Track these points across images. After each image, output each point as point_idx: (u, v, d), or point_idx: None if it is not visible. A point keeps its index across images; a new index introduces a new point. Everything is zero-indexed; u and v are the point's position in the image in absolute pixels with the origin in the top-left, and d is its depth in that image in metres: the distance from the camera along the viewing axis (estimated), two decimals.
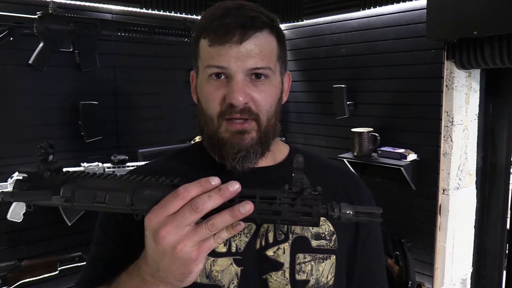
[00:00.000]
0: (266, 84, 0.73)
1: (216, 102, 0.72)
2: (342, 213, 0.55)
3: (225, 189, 0.53)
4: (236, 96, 0.69)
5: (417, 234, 2.23)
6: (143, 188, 0.57)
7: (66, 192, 0.59)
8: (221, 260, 0.73)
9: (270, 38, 0.74)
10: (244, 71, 0.70)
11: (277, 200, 0.55)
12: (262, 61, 0.71)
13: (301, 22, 2.72)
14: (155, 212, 0.54)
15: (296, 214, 0.55)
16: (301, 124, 2.83)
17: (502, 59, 1.77)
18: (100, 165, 1.92)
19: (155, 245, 0.54)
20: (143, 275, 0.59)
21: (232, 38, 0.69)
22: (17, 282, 1.75)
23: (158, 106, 2.31)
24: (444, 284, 2.15)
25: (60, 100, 1.98)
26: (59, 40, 1.87)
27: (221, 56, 0.70)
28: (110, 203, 0.57)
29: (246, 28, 0.70)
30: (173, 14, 2.30)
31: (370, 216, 0.56)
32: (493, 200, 2.19)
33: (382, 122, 2.33)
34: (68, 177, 0.60)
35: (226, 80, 0.71)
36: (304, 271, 0.75)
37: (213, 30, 0.71)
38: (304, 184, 0.55)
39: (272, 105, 0.74)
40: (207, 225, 0.53)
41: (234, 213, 0.53)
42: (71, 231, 1.96)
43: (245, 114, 0.71)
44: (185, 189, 0.53)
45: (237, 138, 0.72)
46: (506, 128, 2.11)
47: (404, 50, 2.20)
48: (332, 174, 0.86)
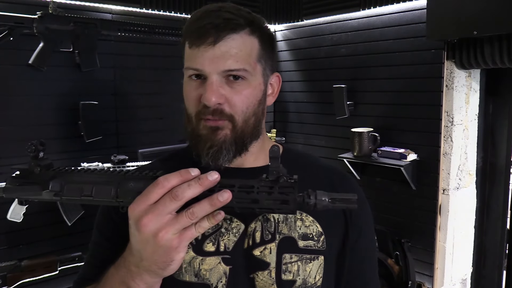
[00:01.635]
0: (242, 85, 0.73)
1: (193, 102, 0.74)
2: (318, 200, 0.56)
3: (204, 178, 0.55)
4: (208, 97, 0.70)
5: (417, 234, 2.23)
6: (128, 180, 0.59)
7: (55, 187, 0.61)
8: (210, 259, 0.74)
9: (249, 39, 0.73)
10: (218, 72, 0.71)
11: (255, 189, 0.57)
12: (237, 63, 0.71)
13: (301, 22, 2.72)
14: (137, 201, 0.56)
15: (273, 201, 0.56)
16: (301, 124, 2.83)
17: (502, 59, 1.77)
18: (100, 165, 1.92)
19: (138, 233, 0.56)
20: (128, 265, 0.61)
21: (206, 40, 0.70)
22: (17, 282, 1.75)
23: (158, 106, 2.31)
24: (444, 284, 2.15)
25: (60, 100, 1.98)
26: (59, 40, 1.87)
27: (197, 58, 0.71)
28: (97, 196, 0.60)
29: (220, 30, 0.70)
30: (173, 14, 2.30)
31: (346, 202, 0.57)
32: (493, 200, 2.19)
33: (382, 122, 2.33)
34: (57, 173, 0.63)
35: (203, 80, 0.73)
36: (291, 271, 0.75)
37: (191, 33, 0.72)
38: (280, 173, 0.57)
39: (249, 106, 0.74)
40: (187, 213, 0.55)
41: (213, 201, 0.55)
42: (71, 231, 1.96)
43: (217, 115, 0.72)
44: (165, 178, 0.55)
45: (211, 134, 0.73)
46: (506, 128, 2.11)
47: (404, 50, 2.20)
48: (321, 172, 0.86)
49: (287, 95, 2.87)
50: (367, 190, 2.37)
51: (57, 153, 1.97)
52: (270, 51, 0.78)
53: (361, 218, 0.84)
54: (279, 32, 2.88)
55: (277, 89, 0.83)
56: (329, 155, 2.55)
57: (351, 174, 2.40)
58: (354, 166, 2.41)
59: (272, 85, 0.81)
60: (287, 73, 2.85)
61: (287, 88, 2.86)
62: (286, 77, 2.85)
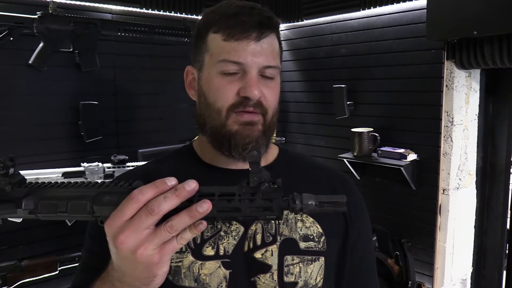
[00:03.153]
0: (273, 83, 0.77)
1: (228, 95, 0.73)
2: (304, 204, 0.54)
3: (181, 188, 0.52)
4: (253, 90, 0.72)
5: (417, 234, 2.23)
6: (103, 194, 0.57)
7: (28, 204, 0.58)
8: (209, 263, 0.73)
9: (277, 41, 0.78)
10: (258, 67, 0.73)
11: (236, 196, 0.54)
12: (274, 60, 0.75)
13: (301, 22, 2.72)
14: (112, 217, 0.53)
15: (256, 209, 0.54)
16: (301, 124, 2.83)
17: (502, 59, 1.77)
18: (100, 165, 1.92)
19: (116, 250, 0.54)
20: (112, 280, 0.59)
21: (250, 35, 0.72)
22: (17, 282, 1.75)
23: (158, 106, 2.31)
24: (444, 284, 2.15)
25: (60, 100, 1.98)
26: (59, 40, 1.87)
27: (238, 51, 0.72)
28: (72, 212, 0.57)
29: (264, 27, 0.73)
30: (173, 14, 2.30)
31: (334, 205, 0.54)
32: (493, 200, 2.19)
33: (382, 122, 2.33)
34: (30, 189, 0.60)
35: (240, 75, 0.73)
36: (293, 273, 0.75)
37: (230, 26, 0.72)
38: (262, 178, 0.54)
39: (277, 103, 0.79)
40: (165, 227, 0.52)
41: (192, 213, 0.52)
42: (71, 231, 1.96)
43: (258, 108, 0.74)
44: (139, 191, 0.52)
45: (246, 129, 0.74)
46: (506, 128, 2.11)
47: (404, 50, 2.20)
48: (318, 174, 0.86)
49: (287, 95, 2.87)
50: (367, 190, 2.37)
51: (57, 153, 1.97)
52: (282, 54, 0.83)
53: (360, 219, 0.85)
54: None
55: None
56: (329, 155, 2.56)
57: (351, 174, 2.40)
58: (354, 166, 2.40)
59: None
60: (287, 73, 2.85)
61: (287, 88, 2.86)
62: (286, 77, 2.85)
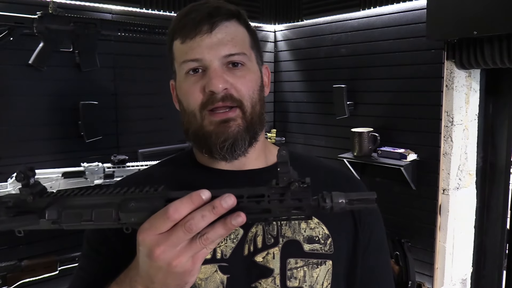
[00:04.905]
0: (243, 71, 0.73)
1: (196, 95, 0.71)
2: (334, 203, 0.53)
3: (219, 206, 0.51)
4: (215, 82, 0.69)
5: (417, 234, 2.23)
6: (128, 200, 0.56)
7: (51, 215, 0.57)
8: (205, 267, 0.70)
9: (240, 28, 0.75)
10: (219, 58, 0.70)
11: (266, 198, 0.53)
12: (235, 47, 0.71)
13: (301, 22, 2.72)
14: (147, 231, 0.52)
15: (286, 209, 0.53)
16: (301, 124, 2.83)
17: (502, 59, 1.77)
18: (100, 165, 1.92)
19: (150, 261, 0.53)
20: (135, 285, 0.58)
21: (201, 29, 0.70)
22: (17, 282, 1.75)
23: (158, 106, 2.31)
24: (444, 284, 2.15)
25: (60, 100, 1.98)
26: (59, 40, 1.87)
27: (194, 49, 0.70)
28: (97, 220, 0.56)
29: (213, 17, 0.71)
30: (173, 14, 2.29)
31: (365, 202, 0.54)
32: (493, 200, 2.19)
33: (382, 122, 2.33)
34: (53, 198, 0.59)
35: (203, 72, 0.71)
36: (296, 277, 0.71)
37: (182, 28, 0.72)
38: (291, 178, 0.53)
39: (254, 91, 0.74)
40: (201, 240, 0.51)
41: (227, 226, 0.51)
42: (71, 231, 1.96)
43: (228, 101, 0.70)
44: (175, 210, 0.51)
45: (221, 127, 0.70)
46: (506, 128, 2.11)
47: (404, 50, 2.20)
48: (323, 174, 0.82)
49: (287, 95, 2.87)
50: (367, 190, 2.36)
51: (57, 153, 1.97)
52: (257, 43, 0.80)
53: (371, 218, 0.80)
54: (279, 32, 2.88)
55: (268, 81, 0.83)
56: (329, 155, 2.55)
57: None
58: (354, 166, 2.41)
59: (263, 77, 0.82)
60: (287, 73, 2.85)
61: (287, 88, 2.86)
62: (286, 77, 2.85)
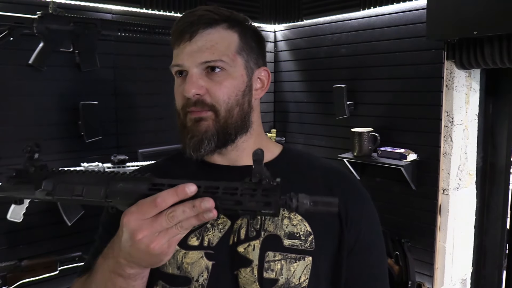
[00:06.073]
0: (222, 76, 0.76)
1: (179, 98, 0.79)
2: (300, 203, 0.57)
3: (198, 206, 0.57)
4: (186, 88, 0.75)
5: (417, 234, 2.23)
6: (117, 181, 0.62)
7: (47, 186, 0.64)
8: (192, 253, 0.76)
9: (227, 33, 0.78)
10: (196, 65, 0.75)
11: (238, 191, 0.58)
12: (213, 55, 0.75)
13: (301, 22, 2.72)
14: (132, 215, 0.59)
15: (256, 203, 0.58)
16: (301, 124, 2.83)
17: (502, 59, 1.77)
18: (100, 165, 1.92)
19: (132, 242, 0.59)
20: (117, 257, 0.64)
21: (184, 37, 0.76)
22: (17, 282, 1.75)
23: (158, 106, 2.31)
24: (444, 284, 2.15)
25: (60, 100, 1.98)
26: (59, 40, 1.87)
27: (178, 55, 0.78)
28: (87, 196, 0.62)
29: (194, 26, 0.76)
30: (173, 14, 2.30)
31: (328, 205, 0.58)
32: (493, 200, 2.19)
33: (382, 122, 2.33)
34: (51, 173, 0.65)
35: (184, 76, 0.78)
36: (273, 270, 0.74)
37: (173, 34, 0.79)
38: (263, 176, 0.58)
39: (231, 96, 0.77)
40: (177, 227, 0.59)
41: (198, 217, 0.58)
42: (71, 231, 1.96)
43: (199, 106, 0.76)
44: (163, 199, 0.58)
45: (195, 125, 0.77)
46: (506, 128, 2.11)
47: (404, 50, 2.20)
48: (316, 173, 0.84)
49: (287, 95, 2.87)
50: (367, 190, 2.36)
51: (57, 153, 1.97)
52: (255, 45, 0.82)
53: (362, 217, 0.83)
54: (279, 32, 2.88)
55: (267, 83, 0.85)
56: (329, 155, 2.55)
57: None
58: (354, 166, 2.40)
59: (261, 79, 0.83)
60: (287, 73, 2.85)
61: (287, 88, 2.86)
62: (286, 77, 2.85)
